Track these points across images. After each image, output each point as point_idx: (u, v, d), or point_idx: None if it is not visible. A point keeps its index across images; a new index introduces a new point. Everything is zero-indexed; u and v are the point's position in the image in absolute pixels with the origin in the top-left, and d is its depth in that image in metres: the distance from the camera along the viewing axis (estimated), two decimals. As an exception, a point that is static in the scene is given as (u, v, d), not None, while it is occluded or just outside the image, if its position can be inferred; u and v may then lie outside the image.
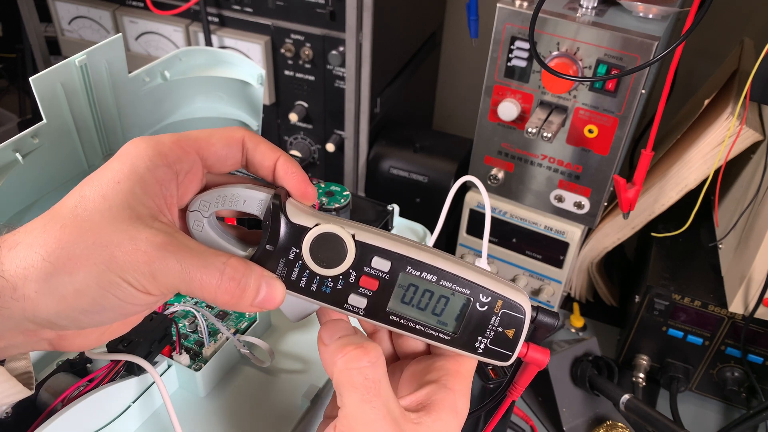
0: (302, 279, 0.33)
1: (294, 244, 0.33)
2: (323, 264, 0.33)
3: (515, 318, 0.32)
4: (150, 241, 0.29)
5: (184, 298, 0.52)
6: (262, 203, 0.33)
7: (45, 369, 0.45)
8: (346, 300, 0.34)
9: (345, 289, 0.33)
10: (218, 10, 0.85)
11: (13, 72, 1.15)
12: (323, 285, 0.33)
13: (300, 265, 0.33)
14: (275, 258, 0.33)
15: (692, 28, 0.51)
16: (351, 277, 0.33)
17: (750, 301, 0.61)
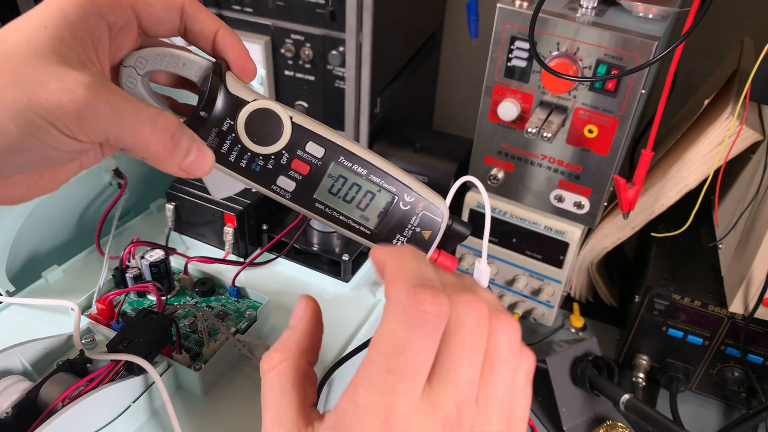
0: (232, 153, 0.33)
1: (229, 115, 0.32)
2: (257, 141, 0.32)
3: (433, 221, 0.33)
4: (78, 81, 0.27)
5: (184, 297, 0.52)
6: (201, 69, 0.32)
7: (45, 369, 0.45)
8: (274, 181, 0.33)
9: (275, 169, 0.33)
10: (218, 10, 0.85)
11: (13, 72, 1.15)
12: (253, 162, 0.33)
13: (232, 138, 0.32)
14: (208, 127, 0.32)
15: (692, 28, 0.51)
16: (283, 159, 0.33)
17: (750, 301, 0.61)
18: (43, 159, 0.29)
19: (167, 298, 0.51)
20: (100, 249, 0.53)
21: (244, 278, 0.54)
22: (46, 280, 0.53)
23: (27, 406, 0.39)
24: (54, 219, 0.55)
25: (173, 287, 0.52)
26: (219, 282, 0.53)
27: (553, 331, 0.80)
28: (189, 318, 0.49)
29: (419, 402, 0.25)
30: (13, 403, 0.38)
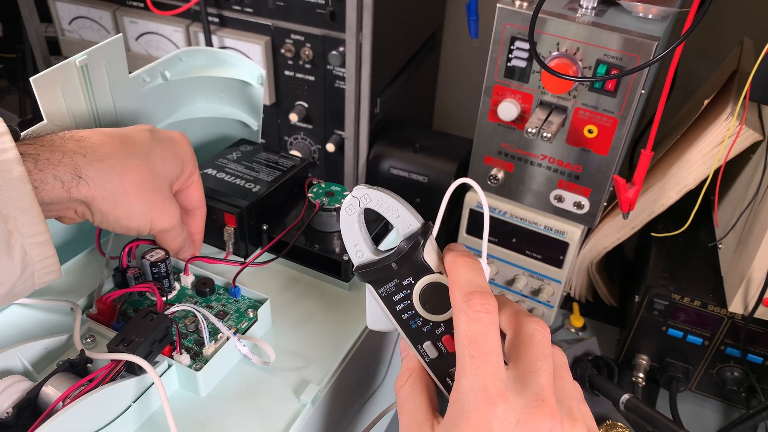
0: (401, 304, 0.37)
1: (413, 275, 0.37)
2: (424, 306, 0.37)
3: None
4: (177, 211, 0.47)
5: (184, 297, 0.52)
6: (411, 228, 0.37)
7: (45, 369, 0.45)
8: (422, 343, 0.37)
9: (427, 334, 0.37)
10: (218, 10, 0.85)
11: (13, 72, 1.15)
12: (413, 320, 0.37)
13: (406, 294, 0.37)
14: (391, 275, 0.37)
15: (692, 28, 0.51)
16: (438, 329, 0.37)
17: (750, 301, 0.61)
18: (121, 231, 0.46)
19: (167, 298, 0.51)
20: (101, 249, 0.53)
21: (244, 278, 0.54)
22: (47, 280, 0.53)
23: (27, 406, 0.39)
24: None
25: (173, 287, 0.52)
26: (219, 282, 0.53)
27: (552, 331, 0.80)
28: (189, 318, 0.49)
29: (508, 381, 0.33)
30: (14, 402, 0.38)
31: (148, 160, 0.45)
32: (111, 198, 0.42)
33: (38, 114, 0.47)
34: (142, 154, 0.44)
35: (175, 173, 0.47)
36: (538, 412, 0.32)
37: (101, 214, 0.43)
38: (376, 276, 0.37)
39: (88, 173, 0.41)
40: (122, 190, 0.43)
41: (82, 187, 0.41)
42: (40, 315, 0.50)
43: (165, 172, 0.46)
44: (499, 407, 0.31)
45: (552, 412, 0.32)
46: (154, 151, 0.45)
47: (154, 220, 0.46)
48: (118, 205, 0.43)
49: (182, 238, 0.50)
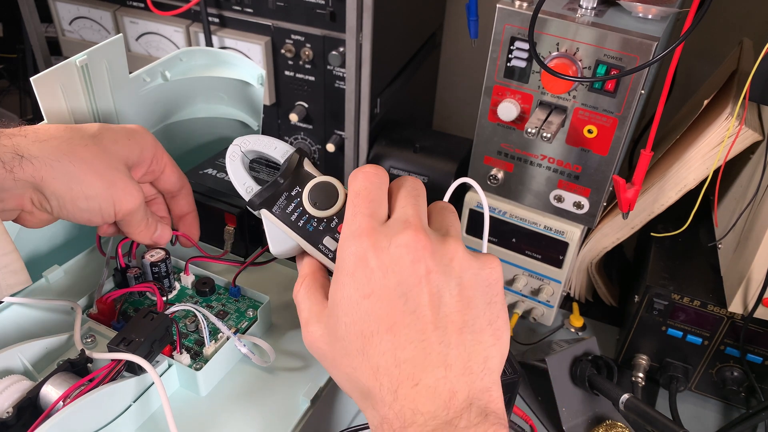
0: (294, 213, 0.41)
1: (299, 184, 0.41)
2: (314, 205, 0.41)
3: None
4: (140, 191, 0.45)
5: (184, 297, 0.52)
6: (288, 151, 0.43)
7: (46, 369, 0.45)
8: (321, 241, 0.40)
9: (324, 230, 0.40)
10: (219, 10, 0.85)
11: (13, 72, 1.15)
12: (309, 223, 0.40)
13: (298, 201, 0.41)
14: (281, 191, 0.41)
15: (691, 28, 0.51)
16: (333, 222, 0.40)
17: (749, 301, 0.61)
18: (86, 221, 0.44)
19: (167, 298, 0.52)
20: (101, 249, 0.53)
21: (244, 278, 0.54)
22: (47, 279, 0.53)
23: (28, 406, 0.39)
24: (54, 219, 0.55)
25: (173, 287, 0.53)
26: (219, 282, 0.53)
27: (552, 330, 0.80)
28: (189, 318, 0.49)
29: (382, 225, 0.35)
30: (14, 402, 0.39)
31: (96, 141, 0.43)
32: (62, 177, 0.41)
33: (38, 114, 0.47)
34: (88, 136, 0.43)
35: (131, 156, 0.46)
36: (405, 232, 0.34)
37: (56, 198, 0.41)
38: (267, 195, 0.41)
39: (30, 152, 0.40)
40: (72, 168, 0.41)
41: (26, 167, 0.39)
42: (40, 315, 0.50)
43: (118, 152, 0.45)
44: (368, 239, 0.34)
45: (417, 229, 0.34)
46: (102, 134, 0.44)
47: (116, 200, 0.44)
48: (71, 184, 0.41)
49: (153, 225, 0.48)
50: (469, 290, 0.34)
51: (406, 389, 0.32)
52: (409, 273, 0.33)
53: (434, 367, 0.32)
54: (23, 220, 0.43)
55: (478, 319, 0.34)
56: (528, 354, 0.76)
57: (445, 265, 0.34)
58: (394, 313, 0.33)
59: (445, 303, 0.33)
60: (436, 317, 0.33)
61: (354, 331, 0.34)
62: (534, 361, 0.71)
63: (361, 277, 0.34)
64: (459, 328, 0.33)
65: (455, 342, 0.33)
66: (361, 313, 0.33)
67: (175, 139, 0.62)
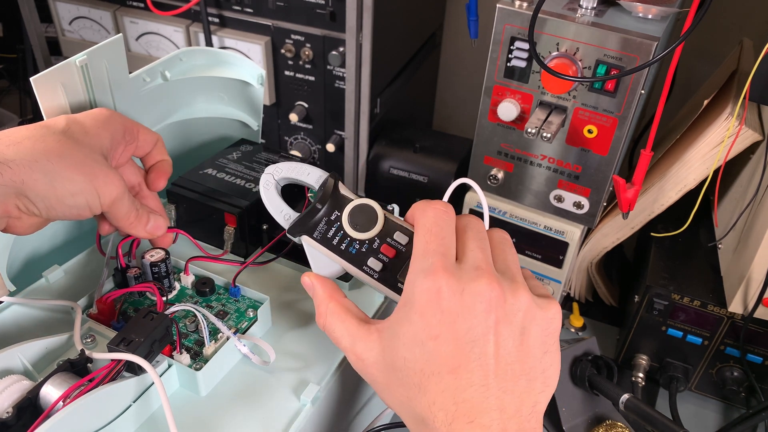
0: (336, 237, 0.41)
1: (337, 208, 0.42)
2: (356, 228, 0.41)
3: None
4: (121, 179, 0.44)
5: (184, 297, 0.52)
6: (321, 178, 0.43)
7: (46, 369, 0.45)
8: (366, 262, 0.41)
9: (368, 252, 0.41)
10: (218, 10, 0.85)
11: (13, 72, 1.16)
12: (351, 246, 0.41)
13: (338, 225, 0.41)
14: (320, 217, 0.42)
15: (692, 28, 0.51)
16: (375, 244, 0.41)
17: (749, 301, 0.61)
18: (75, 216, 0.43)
19: (167, 298, 0.52)
20: (101, 249, 0.53)
21: (244, 278, 0.54)
22: (47, 279, 0.53)
23: (27, 406, 0.39)
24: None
25: (173, 287, 0.53)
26: (219, 282, 0.53)
27: (552, 330, 0.80)
28: (189, 318, 0.49)
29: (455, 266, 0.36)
30: (14, 402, 0.38)
31: (67, 135, 0.43)
32: (43, 178, 0.40)
33: (38, 114, 0.47)
34: (59, 132, 0.43)
35: (104, 144, 0.45)
36: (479, 280, 0.35)
37: (41, 199, 0.41)
38: (307, 222, 0.42)
39: (5, 156, 0.39)
40: (52, 166, 0.41)
41: (4, 172, 0.39)
42: (40, 315, 0.50)
43: (91, 143, 0.44)
44: (442, 279, 0.35)
45: (491, 278, 0.35)
46: (71, 127, 0.44)
47: (99, 190, 0.43)
48: (54, 183, 0.41)
49: (144, 216, 0.48)
50: (531, 340, 0.36)
51: (460, 425, 0.34)
52: (480, 321, 0.35)
53: (490, 410, 0.34)
54: (13, 227, 0.42)
55: (534, 369, 0.36)
56: (528, 354, 0.76)
57: (514, 316, 0.36)
58: (460, 357, 0.34)
59: (509, 353, 0.35)
60: (498, 366, 0.35)
61: (414, 368, 0.35)
62: (534, 361, 0.71)
63: (430, 318, 0.35)
64: (516, 376, 0.35)
65: (511, 389, 0.35)
66: (426, 353, 0.35)
67: (175, 139, 0.62)
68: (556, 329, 0.37)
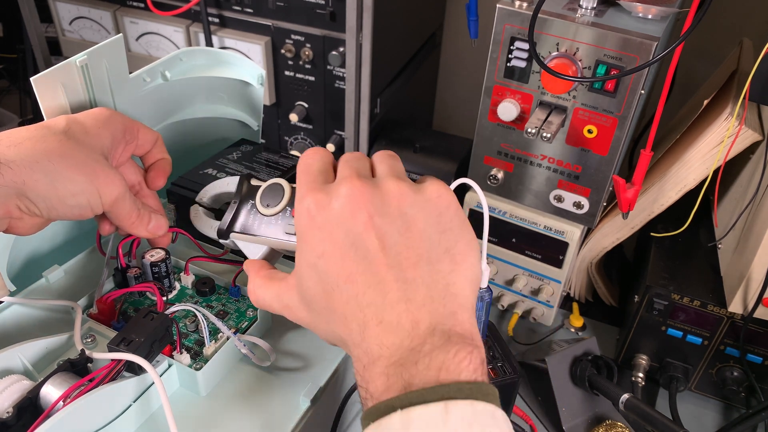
0: (255, 222, 0.45)
1: (251, 198, 0.45)
2: (268, 206, 0.44)
3: None
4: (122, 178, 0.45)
5: (185, 297, 0.52)
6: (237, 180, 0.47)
7: (46, 368, 0.45)
8: (285, 231, 0.43)
9: (283, 222, 0.44)
10: (219, 10, 0.85)
11: (14, 72, 1.16)
12: (269, 224, 0.44)
13: (254, 212, 0.45)
14: (239, 209, 0.46)
15: (691, 28, 0.51)
16: (287, 212, 0.44)
17: (749, 301, 0.61)
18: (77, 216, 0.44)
19: (168, 298, 0.52)
20: (101, 249, 0.53)
21: (245, 278, 0.54)
22: (47, 279, 0.53)
23: (28, 406, 0.39)
24: (55, 219, 0.55)
25: (174, 287, 0.53)
26: (219, 282, 0.53)
27: (552, 330, 0.80)
28: (189, 318, 0.49)
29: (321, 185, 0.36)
30: (14, 402, 0.39)
31: (68, 135, 0.43)
32: (44, 178, 0.41)
33: (38, 114, 0.47)
34: (60, 132, 0.43)
35: (104, 143, 0.46)
36: (342, 185, 0.35)
37: (43, 199, 0.41)
38: (229, 220, 0.45)
39: (6, 157, 0.40)
40: (53, 167, 0.41)
41: (5, 173, 0.39)
42: (40, 315, 0.50)
43: (91, 143, 0.44)
44: (309, 199, 0.35)
45: (352, 179, 0.35)
46: (71, 127, 0.44)
47: (101, 190, 0.44)
48: (55, 183, 0.41)
49: (146, 215, 0.48)
50: (418, 224, 0.35)
51: (371, 328, 0.33)
52: (353, 222, 0.34)
53: (395, 304, 0.33)
54: (15, 228, 0.43)
55: (433, 250, 0.34)
56: (528, 354, 0.76)
57: (386, 206, 0.35)
58: (348, 263, 0.34)
59: (395, 242, 0.34)
60: (387, 258, 0.34)
61: (318, 292, 0.35)
62: (534, 361, 0.71)
63: (311, 239, 0.35)
64: (414, 263, 0.34)
65: (411, 277, 0.34)
66: (319, 273, 0.35)
67: (175, 139, 0.62)
68: (447, 206, 0.36)
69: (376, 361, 0.32)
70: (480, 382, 0.31)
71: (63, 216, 0.43)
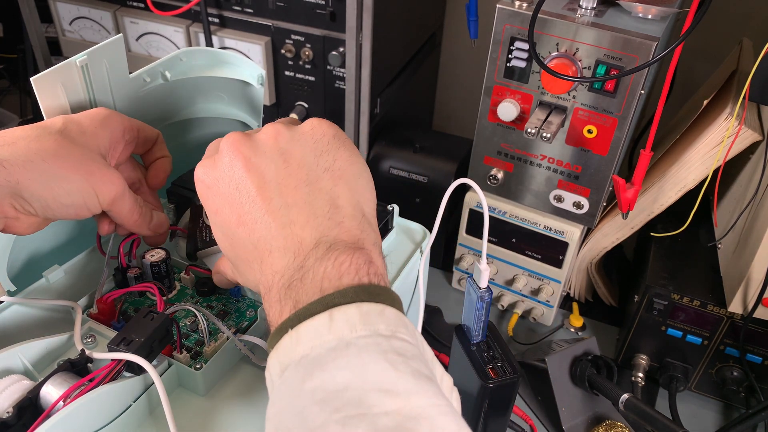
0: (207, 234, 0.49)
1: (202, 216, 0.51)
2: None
3: None
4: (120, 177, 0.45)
5: (185, 297, 0.52)
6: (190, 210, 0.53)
7: (46, 368, 0.45)
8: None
9: None
10: (219, 10, 0.85)
11: (14, 72, 1.15)
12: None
13: (206, 226, 0.49)
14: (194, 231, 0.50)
15: (691, 28, 0.51)
16: None
17: (749, 301, 0.61)
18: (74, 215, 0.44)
19: (168, 298, 0.52)
20: (101, 249, 0.53)
21: (245, 278, 0.54)
22: (47, 279, 0.53)
23: (28, 406, 0.39)
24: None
25: (174, 287, 0.53)
26: (219, 282, 0.53)
27: (552, 330, 0.80)
28: (189, 317, 0.49)
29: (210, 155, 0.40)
30: (14, 402, 0.39)
31: (64, 134, 0.43)
32: (38, 177, 0.40)
33: (38, 114, 0.47)
34: (56, 131, 0.43)
35: (103, 142, 0.45)
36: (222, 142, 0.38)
37: (37, 198, 0.41)
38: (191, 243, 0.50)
39: (1, 155, 0.39)
40: (47, 166, 0.41)
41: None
42: (40, 315, 0.50)
43: (88, 142, 0.44)
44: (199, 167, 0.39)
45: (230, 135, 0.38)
46: (68, 127, 0.44)
47: (97, 188, 0.43)
48: (49, 183, 0.41)
49: (148, 214, 0.48)
50: (295, 155, 0.36)
51: (265, 260, 0.35)
52: (232, 171, 0.36)
53: (280, 229, 0.34)
54: (11, 227, 0.42)
55: (311, 173, 0.36)
56: (528, 354, 0.76)
57: (261, 147, 0.37)
58: (236, 208, 0.36)
59: (275, 176, 0.36)
60: (267, 191, 0.35)
61: (227, 247, 0.38)
62: (534, 361, 0.71)
63: (207, 201, 0.38)
64: (293, 187, 0.35)
65: (292, 201, 0.35)
66: (221, 228, 0.37)
67: (175, 139, 0.62)
68: (323, 133, 0.37)
69: (271, 289, 0.34)
70: (367, 284, 0.32)
71: (59, 215, 0.43)
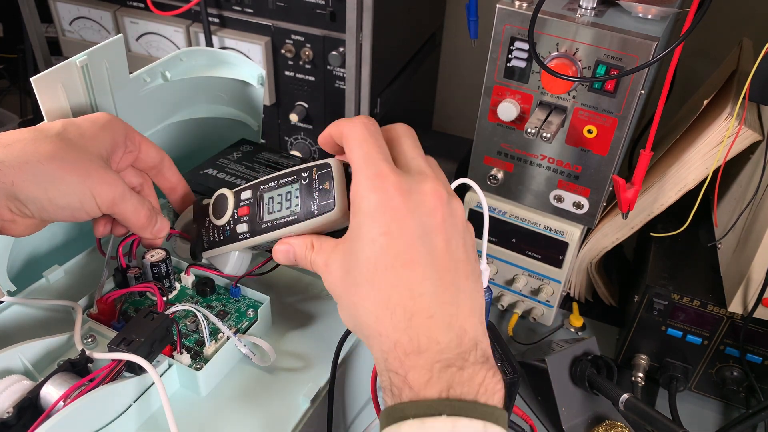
0: (214, 234, 0.48)
1: (206, 215, 0.49)
2: (219, 216, 0.47)
3: (327, 173, 0.41)
4: (119, 179, 0.45)
5: (185, 297, 0.52)
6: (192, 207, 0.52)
7: (46, 369, 0.45)
8: (238, 233, 0.46)
9: (234, 224, 0.46)
10: (219, 10, 0.85)
11: (14, 72, 1.16)
12: (224, 231, 0.47)
13: (211, 226, 0.48)
14: (199, 230, 0.49)
15: (691, 28, 0.51)
16: (235, 215, 0.46)
17: (749, 301, 0.61)
18: (71, 218, 0.43)
19: (168, 298, 0.52)
20: (101, 249, 0.53)
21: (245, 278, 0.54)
22: (48, 279, 0.53)
23: (28, 406, 0.39)
24: (55, 219, 0.55)
25: (174, 287, 0.53)
26: (219, 282, 0.53)
27: (552, 330, 0.80)
28: (190, 318, 0.49)
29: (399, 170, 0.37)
30: (14, 402, 0.39)
31: (62, 137, 0.42)
32: (33, 179, 0.40)
33: (39, 114, 0.47)
34: (54, 134, 0.42)
35: (103, 145, 0.45)
36: (426, 182, 0.37)
37: (32, 200, 0.40)
38: (195, 242, 0.49)
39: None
40: (42, 168, 0.40)
41: None
42: (40, 315, 0.50)
43: (87, 144, 0.44)
44: (389, 181, 0.36)
45: (436, 182, 0.37)
46: (67, 129, 0.43)
47: (94, 191, 0.43)
48: (45, 184, 0.41)
49: (145, 210, 0.47)
50: (469, 247, 0.38)
51: (420, 319, 0.34)
52: (428, 217, 0.36)
53: (447, 305, 0.35)
54: (8, 229, 0.42)
55: (475, 273, 0.37)
56: (528, 354, 0.76)
57: (454, 218, 0.37)
58: (412, 251, 0.35)
59: (457, 248, 0.36)
60: (449, 261, 0.36)
61: (368, 264, 0.36)
62: (534, 361, 0.71)
63: (380, 217, 0.36)
64: (466, 275, 0.36)
65: (463, 286, 0.36)
66: (378, 248, 0.35)
67: (175, 139, 0.62)
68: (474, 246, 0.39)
69: (423, 352, 0.33)
70: (501, 408, 0.34)
71: (55, 217, 0.43)
